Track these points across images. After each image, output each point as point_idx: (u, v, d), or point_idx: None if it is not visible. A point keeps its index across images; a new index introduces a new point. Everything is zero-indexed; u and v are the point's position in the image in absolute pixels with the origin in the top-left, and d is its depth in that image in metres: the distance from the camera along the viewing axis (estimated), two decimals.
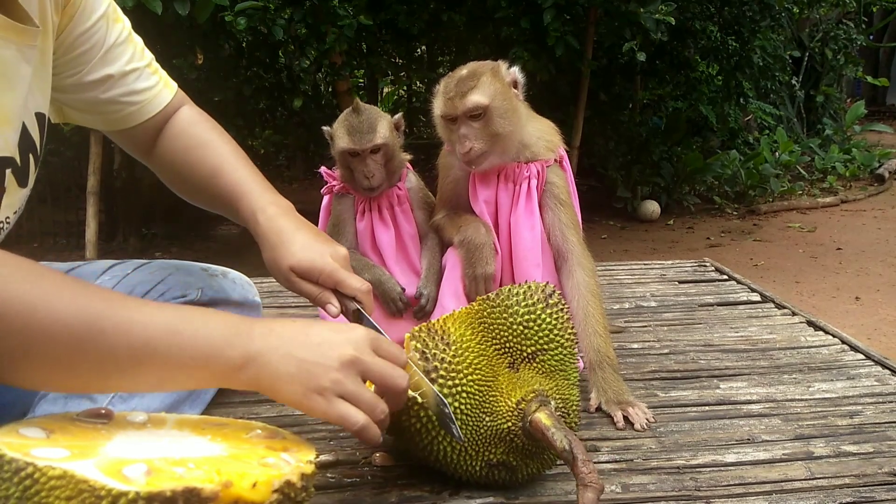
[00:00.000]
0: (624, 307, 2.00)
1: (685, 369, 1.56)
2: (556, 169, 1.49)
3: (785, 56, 7.15)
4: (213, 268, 1.42)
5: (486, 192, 1.48)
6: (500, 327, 1.09)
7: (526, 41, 4.72)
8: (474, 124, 1.39)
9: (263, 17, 3.96)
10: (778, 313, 1.92)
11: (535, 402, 1.04)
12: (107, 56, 1.20)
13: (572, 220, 1.49)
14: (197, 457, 0.81)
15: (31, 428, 0.83)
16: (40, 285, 0.83)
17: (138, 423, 0.90)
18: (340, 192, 1.58)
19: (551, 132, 1.51)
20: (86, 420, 0.89)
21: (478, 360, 1.06)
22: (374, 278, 1.51)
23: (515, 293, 1.11)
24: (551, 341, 1.10)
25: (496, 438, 1.05)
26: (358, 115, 1.49)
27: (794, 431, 1.27)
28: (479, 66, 1.45)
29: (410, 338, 1.07)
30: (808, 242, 5.69)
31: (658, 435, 1.27)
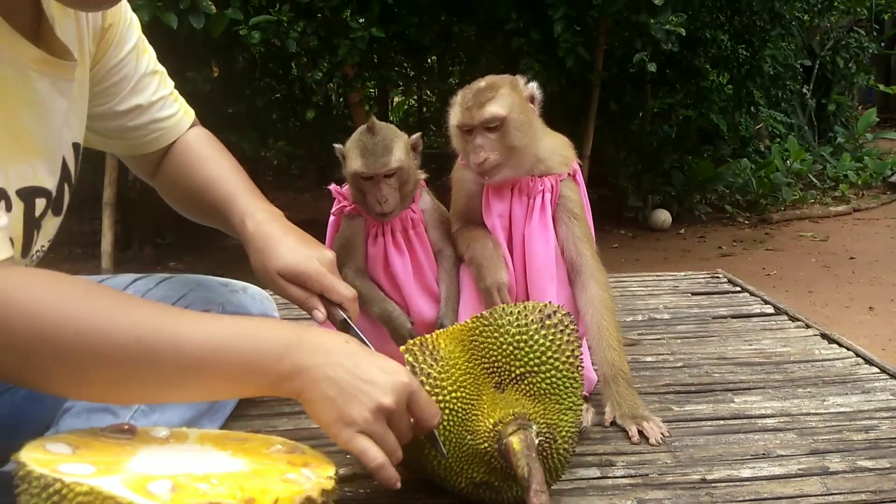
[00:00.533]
0: (637, 319, 2.00)
1: (699, 383, 1.56)
2: (570, 183, 1.50)
3: (796, 65, 7.14)
4: (233, 283, 1.44)
5: (500, 206, 1.49)
6: (490, 346, 1.08)
7: (536, 52, 4.74)
8: (490, 135, 1.40)
9: (277, 30, 4.00)
10: (791, 326, 1.92)
11: (513, 426, 1.03)
12: (136, 86, 1.24)
13: (586, 233, 1.49)
14: (220, 472, 0.83)
15: (57, 443, 0.85)
16: (94, 304, 0.86)
17: (161, 439, 0.92)
18: (351, 213, 1.51)
19: (565, 147, 1.52)
20: (110, 435, 0.91)
21: (464, 377, 1.06)
22: (384, 313, 1.47)
23: (509, 312, 1.10)
24: (543, 363, 1.07)
25: (477, 458, 1.05)
26: (373, 136, 1.41)
27: (809, 446, 1.27)
28: (497, 78, 1.46)
29: (405, 350, 1.09)
30: (821, 251, 5.66)
31: (673, 449, 1.27)
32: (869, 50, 8.65)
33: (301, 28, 4.25)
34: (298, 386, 0.92)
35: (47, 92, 1.01)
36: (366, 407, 0.92)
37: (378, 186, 1.40)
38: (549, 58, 4.70)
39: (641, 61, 4.33)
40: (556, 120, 5.22)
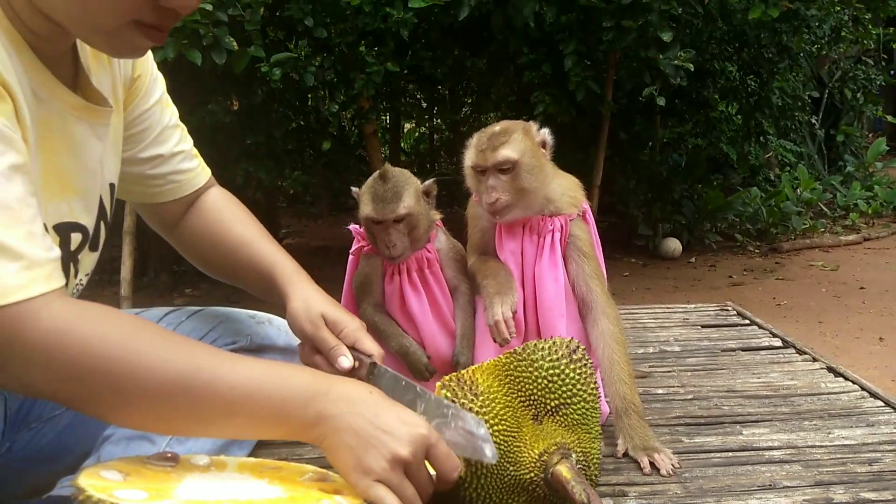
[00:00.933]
0: (648, 351, 2.06)
1: (709, 415, 1.61)
2: (580, 222, 1.56)
3: (804, 96, 7.22)
4: (259, 315, 1.51)
5: (511, 244, 1.55)
6: (525, 380, 1.15)
7: (547, 85, 4.85)
8: (503, 177, 1.47)
9: (295, 64, 4.12)
10: (799, 359, 1.97)
11: (557, 455, 1.10)
12: (159, 137, 1.32)
13: (596, 270, 1.55)
14: (260, 499, 0.89)
15: (109, 471, 0.92)
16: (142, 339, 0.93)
17: (202, 466, 0.99)
18: (369, 252, 1.58)
19: (575, 188, 1.59)
20: (156, 463, 0.97)
21: (504, 410, 1.12)
22: (402, 348, 1.53)
23: (541, 348, 1.17)
24: (574, 395, 1.15)
25: (519, 488, 1.11)
26: (384, 183, 1.48)
27: (814, 478, 1.32)
28: (511, 124, 1.54)
29: (441, 386, 1.14)
30: (831, 281, 5.68)
31: (683, 480, 1.32)
32: (876, 81, 8.72)
33: (319, 62, 4.38)
34: (321, 433, 0.97)
35: (85, 135, 1.09)
36: (383, 456, 0.95)
37: (387, 231, 1.47)
38: (559, 90, 4.81)
39: (651, 95, 4.42)
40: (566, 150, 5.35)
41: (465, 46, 5.25)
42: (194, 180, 1.38)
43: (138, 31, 0.97)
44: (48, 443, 1.28)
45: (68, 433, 1.30)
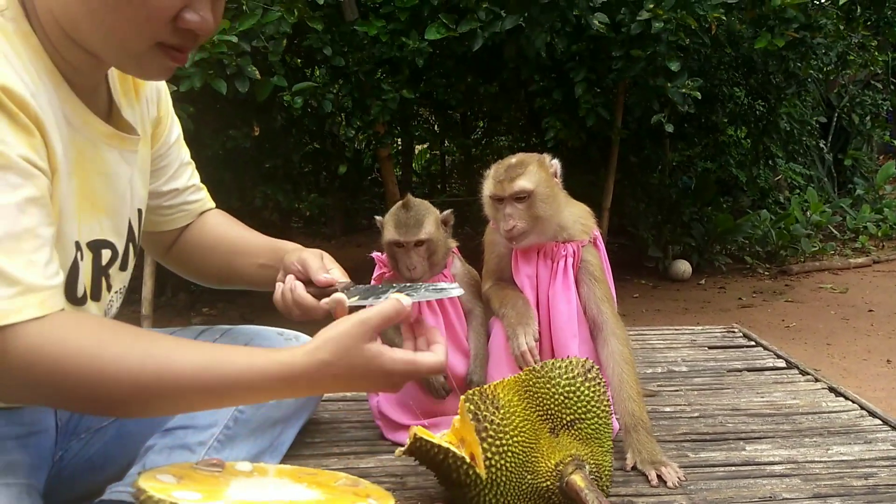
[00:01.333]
0: (657, 371, 2.14)
1: (714, 432, 1.69)
2: (591, 248, 1.66)
3: (811, 121, 7.31)
4: (287, 332, 1.61)
5: (527, 268, 1.65)
6: (543, 396, 1.25)
7: (558, 111, 4.97)
8: (519, 206, 1.58)
9: (314, 91, 4.27)
10: (802, 379, 2.05)
11: (572, 465, 1.20)
12: (176, 173, 1.47)
13: (606, 294, 1.65)
14: (300, 501, 0.99)
15: (165, 475, 1.02)
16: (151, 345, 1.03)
17: (246, 472, 1.09)
18: (390, 279, 1.68)
19: (586, 216, 1.69)
20: (204, 468, 1.07)
21: (523, 423, 1.22)
22: None
23: (558, 367, 1.27)
24: (588, 411, 1.25)
25: (535, 495, 1.20)
26: (407, 211, 1.60)
27: (812, 490, 1.40)
28: (526, 156, 1.64)
29: (465, 399, 1.24)
30: (840, 304, 5.73)
31: (688, 492, 1.40)
32: (883, 107, 8.80)
33: (336, 90, 4.52)
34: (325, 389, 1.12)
35: (115, 161, 1.21)
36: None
37: (409, 254, 1.59)
38: (570, 116, 4.93)
39: (659, 122, 4.53)
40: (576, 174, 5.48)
41: (478, 74, 5.39)
42: (199, 210, 1.54)
43: (163, 53, 1.08)
44: (95, 452, 1.38)
45: (114, 443, 1.41)
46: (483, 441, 1.18)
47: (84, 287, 1.17)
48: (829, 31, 5.48)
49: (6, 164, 0.95)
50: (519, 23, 4.13)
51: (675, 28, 4.17)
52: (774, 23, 4.66)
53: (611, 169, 5.59)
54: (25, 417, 1.19)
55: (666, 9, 4.09)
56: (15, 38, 1.01)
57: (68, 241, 1.12)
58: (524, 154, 1.66)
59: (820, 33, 5.17)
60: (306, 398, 1.55)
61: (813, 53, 5.70)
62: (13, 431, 1.15)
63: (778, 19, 4.60)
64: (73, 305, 1.14)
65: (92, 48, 1.08)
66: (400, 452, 1.25)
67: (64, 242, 1.11)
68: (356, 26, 4.35)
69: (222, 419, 1.38)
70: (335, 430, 1.72)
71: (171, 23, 1.04)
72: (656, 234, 6.64)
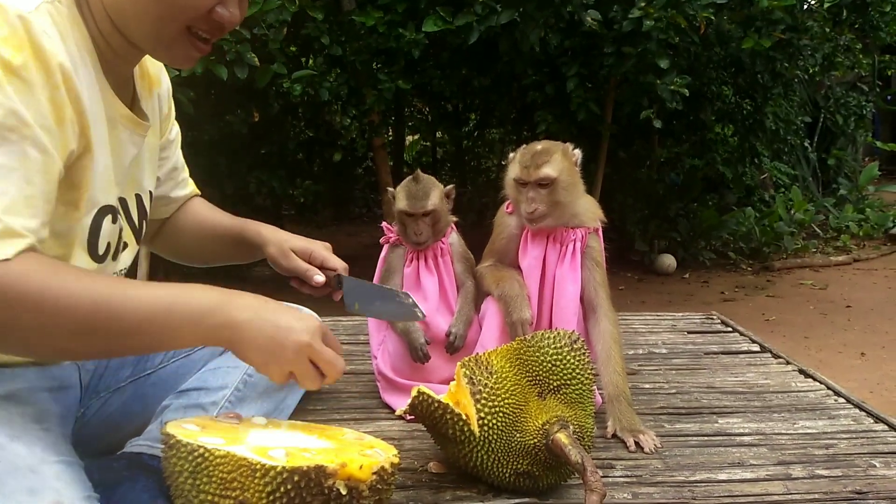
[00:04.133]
0: (638, 353, 2.26)
1: (689, 406, 1.81)
2: (595, 236, 1.78)
3: (796, 121, 7.46)
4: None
5: (535, 251, 1.76)
6: (532, 363, 1.36)
7: (550, 105, 5.08)
8: (542, 191, 1.69)
9: (312, 80, 4.35)
10: (774, 362, 2.17)
11: (557, 425, 1.31)
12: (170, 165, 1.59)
13: (604, 279, 1.77)
14: (315, 447, 1.09)
15: (189, 424, 1.12)
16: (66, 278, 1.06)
17: (262, 424, 1.19)
18: (395, 243, 1.87)
19: (595, 206, 1.82)
20: (224, 420, 1.18)
21: (514, 387, 1.33)
22: (405, 327, 1.77)
23: (546, 337, 1.39)
24: (573, 378, 1.37)
25: (524, 452, 1.32)
26: (416, 184, 1.80)
27: (777, 458, 1.52)
28: (552, 144, 1.75)
29: (461, 365, 1.35)
30: (820, 299, 5.89)
31: (664, 458, 1.53)
32: (866, 109, 8.97)
33: (333, 78, 4.61)
34: (229, 336, 1.12)
35: (126, 141, 1.31)
36: (288, 347, 1.12)
37: (417, 223, 1.79)
38: (561, 110, 5.04)
39: (648, 118, 4.65)
40: None
41: (472, 66, 5.48)
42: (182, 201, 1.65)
43: (190, 43, 1.21)
44: (114, 410, 1.48)
45: (131, 403, 1.51)
46: (477, 402, 1.29)
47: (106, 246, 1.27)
48: (815, 32, 5.62)
49: (28, 136, 1.04)
50: (514, 18, 4.23)
51: (666, 26, 4.28)
52: (762, 24, 4.79)
53: (600, 163, 5.71)
54: (55, 372, 1.29)
55: (657, 7, 4.21)
56: (67, 22, 1.12)
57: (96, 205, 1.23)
58: (550, 142, 1.76)
59: (807, 35, 5.30)
60: None
61: (800, 54, 5.84)
62: (46, 384, 1.25)
63: (765, 20, 4.73)
64: (96, 263, 1.25)
65: (132, 35, 1.20)
66: (401, 411, 1.36)
67: (90, 207, 1.21)
68: (354, 16, 4.43)
69: (233, 382, 1.49)
70: (335, 399, 1.83)
71: (206, 14, 1.18)
72: (643, 229, 6.77)
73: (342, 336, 2.32)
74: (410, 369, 1.79)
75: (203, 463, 1.02)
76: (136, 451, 1.35)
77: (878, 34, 6.63)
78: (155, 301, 1.10)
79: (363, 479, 1.03)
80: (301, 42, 5.08)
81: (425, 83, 5.28)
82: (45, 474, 1.08)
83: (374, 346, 1.89)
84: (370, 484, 1.04)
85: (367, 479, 1.03)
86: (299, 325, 1.14)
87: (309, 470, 0.99)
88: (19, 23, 1.04)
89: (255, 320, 1.13)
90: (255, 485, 0.99)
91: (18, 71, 1.03)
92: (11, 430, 1.12)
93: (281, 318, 1.15)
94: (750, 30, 4.90)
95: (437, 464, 1.45)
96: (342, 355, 1.20)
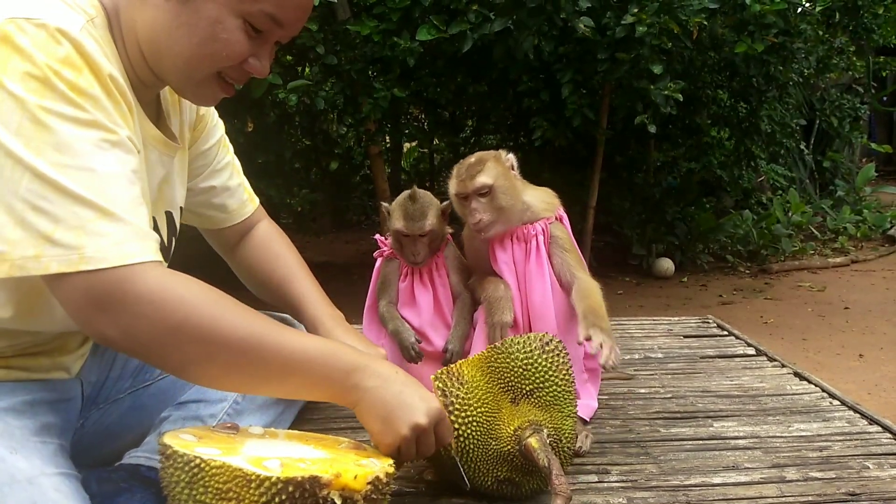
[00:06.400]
0: (634, 357, 2.27)
1: (684, 410, 1.82)
2: (558, 225, 1.78)
3: (791, 124, 7.49)
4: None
5: (504, 255, 1.77)
6: (503, 369, 1.37)
7: (545, 111, 5.10)
8: (482, 200, 1.70)
9: (307, 89, 4.38)
10: (769, 365, 2.19)
11: (529, 430, 1.32)
12: (215, 171, 1.58)
13: (577, 260, 1.76)
14: (310, 457, 1.10)
15: (186, 434, 1.13)
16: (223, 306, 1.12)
17: (258, 434, 1.20)
18: (389, 256, 1.85)
19: (549, 196, 1.81)
20: (220, 431, 1.19)
21: (485, 395, 1.34)
22: (395, 328, 1.79)
23: (516, 342, 1.39)
24: (546, 381, 1.37)
25: (501, 459, 1.33)
26: (413, 203, 1.76)
27: (771, 461, 1.53)
28: (484, 154, 1.77)
29: (435, 378, 1.36)
30: (818, 301, 5.90)
31: (658, 462, 1.53)
32: (861, 111, 9.01)
33: (329, 87, 4.63)
34: (356, 399, 1.19)
35: (154, 161, 1.33)
36: (404, 423, 1.18)
37: (413, 243, 1.76)
38: (556, 116, 5.06)
39: (643, 123, 4.68)
40: (563, 172, 5.63)
41: (467, 74, 5.50)
42: (242, 210, 1.65)
43: (218, 86, 1.24)
44: (113, 421, 1.49)
45: (130, 414, 1.52)
46: (451, 414, 1.30)
47: None
48: (809, 35, 5.65)
49: (118, 141, 1.09)
50: (507, 25, 4.25)
51: (659, 32, 4.31)
52: (755, 28, 4.81)
53: (596, 168, 5.74)
54: (56, 385, 1.31)
55: (649, 13, 4.24)
56: (103, 43, 1.14)
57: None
58: (481, 152, 1.79)
59: (800, 38, 5.33)
60: None
61: (793, 58, 5.86)
62: (48, 397, 1.26)
63: (758, 24, 4.75)
64: None
65: (161, 70, 1.23)
66: None
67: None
68: (349, 26, 4.46)
69: (231, 394, 1.50)
70: (333, 408, 1.83)
71: (238, 64, 1.21)
72: (640, 233, 6.79)
73: None
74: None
75: (199, 473, 1.03)
76: (134, 463, 1.36)
77: (872, 36, 6.67)
78: (304, 352, 1.17)
79: (358, 490, 1.04)
80: (296, 52, 5.10)
81: (421, 91, 5.30)
82: (45, 486, 1.10)
83: None
84: (365, 494, 1.05)
85: (361, 489, 1.04)
86: (421, 406, 1.20)
87: (303, 480, 1.00)
88: (72, 45, 1.06)
89: (380, 389, 1.19)
90: (251, 495, 1.00)
91: (86, 90, 1.07)
92: (11, 443, 1.13)
93: (405, 394, 1.20)
94: (743, 34, 4.93)
95: (432, 472, 1.46)
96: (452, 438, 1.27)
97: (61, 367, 1.34)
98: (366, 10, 4.55)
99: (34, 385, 1.25)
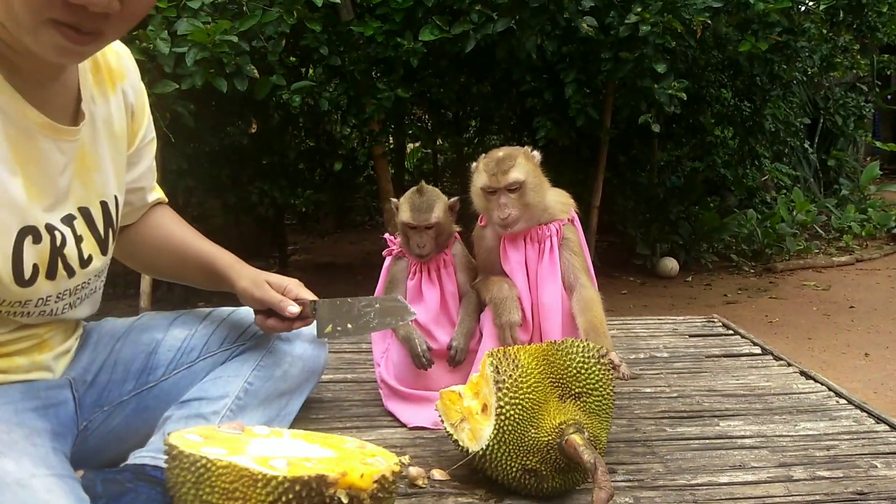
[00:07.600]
0: (639, 357, 2.26)
1: (690, 410, 1.82)
2: (570, 227, 1.82)
3: (796, 122, 7.47)
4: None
5: (516, 255, 1.78)
6: (559, 366, 1.39)
7: (549, 111, 5.09)
8: (512, 195, 1.72)
9: (311, 90, 4.38)
10: (775, 364, 2.18)
11: (573, 427, 1.34)
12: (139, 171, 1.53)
13: (583, 265, 1.80)
14: (316, 457, 1.10)
15: (192, 435, 1.13)
16: None
17: (264, 434, 1.20)
18: (398, 254, 1.88)
19: (566, 197, 1.85)
20: (226, 431, 1.19)
21: (536, 384, 1.36)
22: (406, 334, 1.79)
23: (577, 345, 1.42)
24: (595, 389, 1.40)
25: (535, 448, 1.33)
26: (420, 196, 1.80)
27: (778, 460, 1.53)
28: (513, 149, 1.78)
29: (488, 355, 1.39)
30: (823, 300, 5.88)
31: (665, 461, 1.53)
32: (865, 109, 8.99)
33: (332, 88, 4.63)
34: None
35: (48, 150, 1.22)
36: None
37: (420, 235, 1.79)
38: (560, 116, 5.05)
39: (646, 122, 4.66)
40: (567, 171, 5.59)
41: (470, 74, 5.50)
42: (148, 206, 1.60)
43: (56, 31, 1.06)
44: (118, 423, 1.49)
45: (135, 414, 1.51)
46: (499, 391, 1.32)
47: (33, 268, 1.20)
48: (812, 34, 5.63)
49: None
50: (510, 25, 4.25)
51: (662, 31, 4.30)
52: (758, 27, 4.80)
53: (600, 168, 5.72)
54: (41, 392, 1.30)
55: (653, 12, 4.22)
56: None
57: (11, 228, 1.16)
58: (509, 147, 1.80)
59: (804, 37, 5.31)
60: (309, 372, 1.65)
61: (797, 56, 5.85)
62: (30, 404, 1.25)
63: (762, 23, 4.74)
64: (21, 287, 1.19)
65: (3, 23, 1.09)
66: None
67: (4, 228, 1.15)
68: (352, 26, 4.46)
69: (233, 391, 1.50)
70: (338, 408, 1.84)
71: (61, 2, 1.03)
72: (644, 232, 6.78)
73: (345, 343, 2.32)
74: (413, 378, 1.80)
75: (205, 473, 1.03)
76: (139, 463, 1.35)
77: (876, 35, 6.64)
78: None
79: (364, 488, 1.04)
80: (300, 53, 5.10)
81: (424, 91, 5.29)
82: (36, 488, 1.08)
83: (378, 354, 1.90)
84: (371, 492, 1.05)
85: (367, 487, 1.04)
86: None
87: (310, 479, 1.00)
88: None
89: None
90: (257, 494, 1.00)
91: None
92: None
93: None
94: (746, 33, 4.91)
95: (440, 472, 1.46)
96: None
97: (42, 367, 1.32)
98: (369, 10, 4.55)
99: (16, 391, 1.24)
